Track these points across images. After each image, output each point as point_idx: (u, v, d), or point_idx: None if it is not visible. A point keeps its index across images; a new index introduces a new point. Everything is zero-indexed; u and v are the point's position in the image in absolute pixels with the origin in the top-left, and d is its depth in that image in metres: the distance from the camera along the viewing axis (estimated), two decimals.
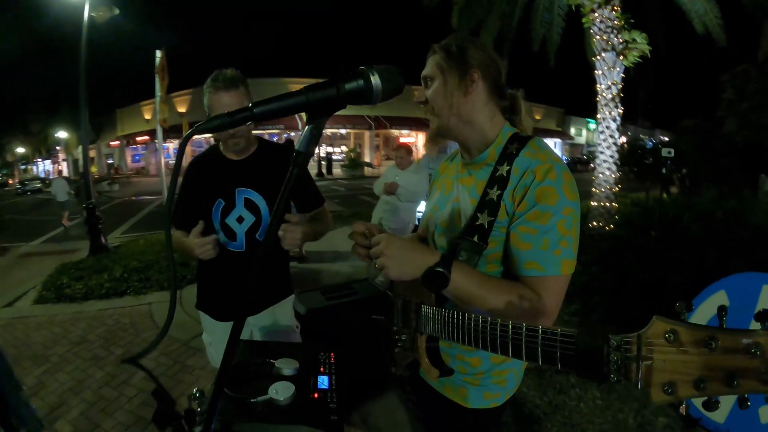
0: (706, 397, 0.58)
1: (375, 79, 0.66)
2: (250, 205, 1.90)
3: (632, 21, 6.94)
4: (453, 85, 1.18)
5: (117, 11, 7.33)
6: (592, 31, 7.18)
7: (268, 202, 1.91)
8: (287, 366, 1.27)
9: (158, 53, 7.08)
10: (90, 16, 7.21)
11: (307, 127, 0.68)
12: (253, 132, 1.94)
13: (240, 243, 1.92)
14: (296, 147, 0.68)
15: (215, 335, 2.04)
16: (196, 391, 1.15)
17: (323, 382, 1.26)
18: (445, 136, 1.27)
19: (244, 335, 2.00)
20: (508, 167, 1.12)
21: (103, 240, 7.70)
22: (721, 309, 0.62)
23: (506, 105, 1.27)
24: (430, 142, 1.30)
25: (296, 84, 31.20)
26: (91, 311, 4.97)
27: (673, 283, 3.00)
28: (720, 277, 2.34)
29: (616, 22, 6.87)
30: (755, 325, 0.57)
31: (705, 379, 0.57)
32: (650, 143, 14.49)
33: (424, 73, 1.24)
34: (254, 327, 2.06)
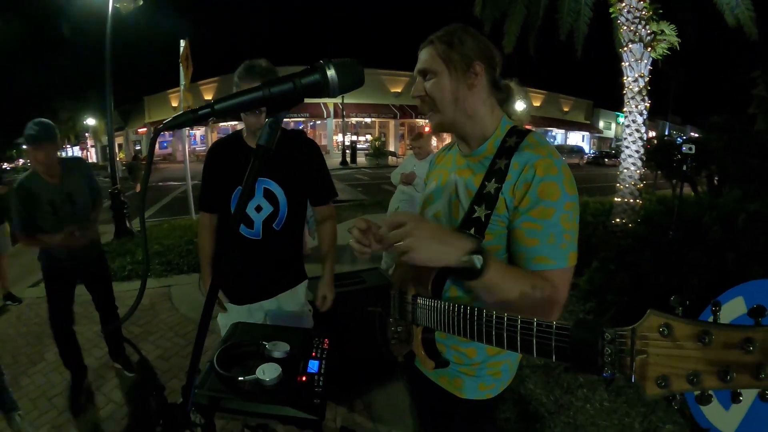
0: (700, 391, 0.59)
1: (331, 73, 0.67)
2: (268, 195, 1.95)
3: (661, 11, 6.72)
4: (457, 78, 1.15)
5: (141, 2, 7.43)
6: (619, 21, 6.98)
7: (287, 192, 1.96)
8: (277, 349, 1.31)
9: (182, 43, 7.17)
10: (114, 7, 7.35)
11: (266, 121, 0.69)
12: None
13: (257, 231, 1.97)
14: (258, 140, 0.69)
15: (230, 318, 2.09)
16: None
17: (313, 366, 1.29)
18: (446, 131, 1.25)
19: (257, 319, 2.09)
20: (506, 161, 1.11)
21: (127, 224, 7.90)
22: (715, 304, 0.62)
23: (504, 97, 1.26)
24: (431, 137, 1.29)
25: None
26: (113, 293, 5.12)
27: (690, 287, 2.92)
28: (738, 282, 2.26)
29: (644, 12, 6.67)
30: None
31: (699, 373, 0.58)
32: (680, 139, 14.10)
33: (422, 66, 1.19)
34: (267, 311, 2.12)
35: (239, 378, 1.19)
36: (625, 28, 6.87)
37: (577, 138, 45.98)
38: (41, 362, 3.50)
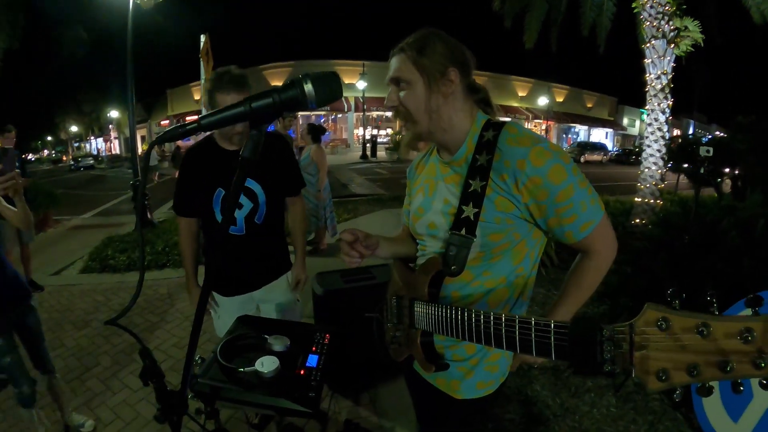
0: (701, 383, 0.59)
1: (308, 87, 0.70)
2: (248, 192, 2.04)
3: (684, 7, 6.56)
4: (431, 87, 1.13)
5: None
6: (642, 16, 6.84)
7: (265, 188, 2.05)
8: (278, 342, 1.35)
9: (202, 37, 7.25)
10: (135, 3, 7.49)
11: (251, 133, 0.72)
12: (301, 114, 2.05)
13: (240, 227, 2.06)
14: (241, 153, 0.72)
15: (222, 309, 2.21)
16: (198, 357, 1.25)
17: (312, 361, 1.32)
18: (424, 140, 1.24)
19: (249, 310, 2.20)
20: (488, 156, 1.11)
21: (149, 215, 8.07)
22: (711, 296, 0.62)
23: (481, 97, 1.23)
24: (408, 147, 1.27)
25: (343, 66, 31.33)
26: (132, 281, 5.27)
27: (704, 294, 2.82)
28: (752, 291, 2.20)
29: (667, 7, 6.52)
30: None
31: (698, 365, 0.58)
32: (705, 139, 13.77)
33: (394, 74, 1.16)
34: (258, 301, 2.25)
35: (239, 369, 1.23)
36: (648, 23, 6.73)
37: (600, 135, 45.25)
38: (60, 347, 3.61)
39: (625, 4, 7.74)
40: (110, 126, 45.84)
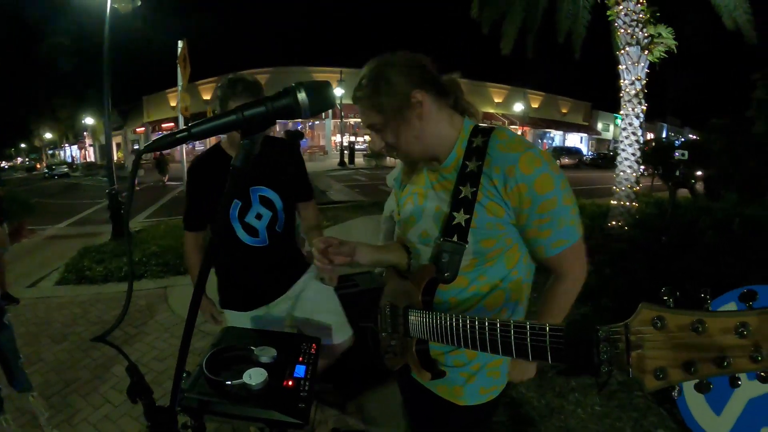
0: (698, 380, 0.59)
1: (302, 96, 0.69)
2: (265, 201, 1.99)
3: (658, 15, 6.75)
4: (402, 119, 1.12)
5: (139, 2, 7.44)
6: (616, 24, 7.02)
7: (281, 195, 2.00)
8: (264, 354, 1.32)
9: (180, 43, 7.18)
10: (112, 7, 7.36)
11: (242, 142, 0.71)
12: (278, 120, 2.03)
13: (263, 238, 2.01)
14: (233, 162, 0.71)
15: (241, 324, 2.10)
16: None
17: (300, 371, 1.31)
18: (419, 160, 1.26)
19: (279, 317, 2.17)
20: (478, 162, 1.11)
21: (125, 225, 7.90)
22: (705, 293, 0.62)
23: (453, 98, 1.22)
24: (410, 170, 1.32)
25: (320, 73, 31.30)
26: (109, 293, 5.15)
27: (684, 291, 2.90)
28: (731, 287, 2.25)
29: (641, 15, 6.70)
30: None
31: (695, 361, 0.58)
32: (678, 142, 14.14)
33: (365, 123, 1.17)
34: (289, 305, 2.17)
35: (227, 382, 1.20)
36: (622, 31, 6.90)
37: (575, 139, 46.10)
38: (39, 362, 3.52)
39: (599, 12, 7.93)
40: (85, 133, 44.85)
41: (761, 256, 3.03)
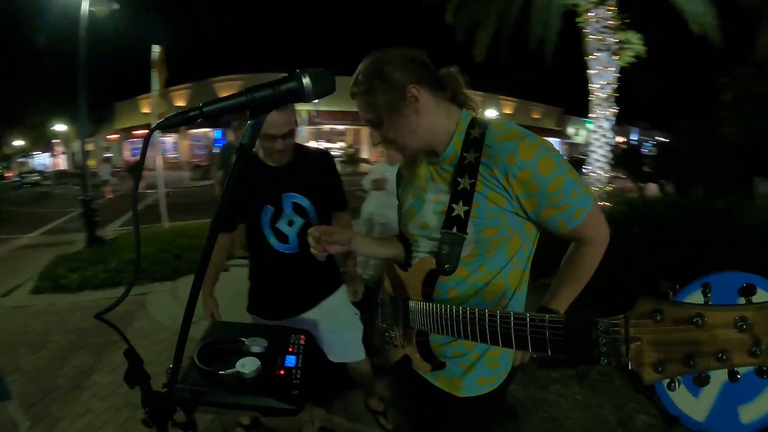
0: (697, 373, 0.59)
1: (306, 81, 0.73)
2: (297, 209, 2.01)
3: (628, 21, 6.98)
4: (399, 113, 1.14)
5: (116, 6, 7.33)
6: (587, 30, 7.22)
7: (314, 203, 2.03)
8: (255, 344, 1.33)
9: (156, 48, 7.09)
10: (88, 11, 7.24)
11: (249, 122, 0.75)
12: None
13: (293, 245, 2.03)
14: (240, 140, 0.75)
15: None
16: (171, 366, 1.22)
17: (290, 361, 1.32)
18: (419, 153, 1.27)
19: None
20: (476, 153, 1.12)
21: (99, 232, 7.75)
22: (705, 286, 0.63)
23: (451, 91, 1.23)
24: (408, 164, 1.33)
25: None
26: (86, 301, 5.07)
27: (657, 284, 2.99)
28: (702, 275, 2.32)
29: (611, 22, 6.92)
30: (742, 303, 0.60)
31: (694, 355, 0.58)
32: (649, 143, 14.53)
33: (364, 118, 1.19)
34: (312, 322, 2.14)
35: (220, 372, 1.21)
36: (592, 37, 7.11)
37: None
38: (17, 372, 3.44)
39: (570, 19, 8.15)
40: (56, 140, 43.50)
41: (730, 246, 3.15)
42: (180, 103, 30.97)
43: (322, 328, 2.17)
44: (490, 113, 36.69)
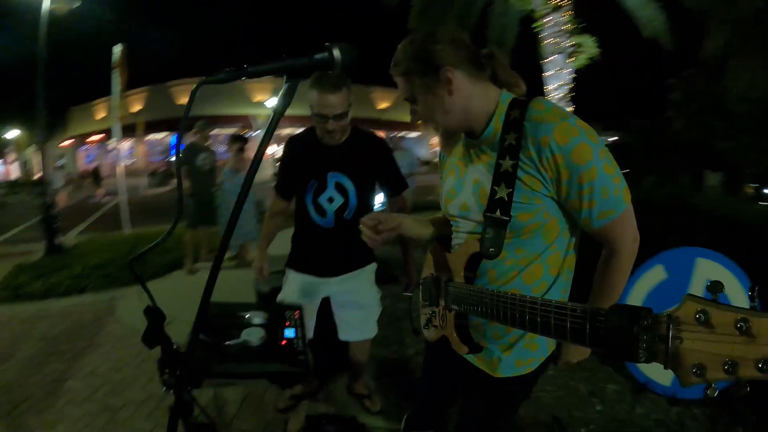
0: (735, 381, 0.56)
1: (336, 53, 0.83)
2: (339, 188, 2.15)
3: (582, 25, 7.32)
4: (434, 94, 1.14)
5: (78, 3, 7.10)
6: (543, 35, 7.53)
7: (356, 185, 2.17)
8: (257, 316, 1.40)
9: (117, 48, 6.93)
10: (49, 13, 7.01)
11: (285, 84, 0.83)
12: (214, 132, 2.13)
13: (329, 220, 2.18)
14: (275, 107, 0.83)
15: (293, 286, 2.31)
16: (175, 345, 1.26)
17: (290, 333, 1.38)
18: (457, 133, 1.28)
19: (319, 296, 2.35)
20: (516, 135, 1.09)
21: (58, 240, 7.49)
22: (753, 290, 0.60)
23: (490, 71, 1.21)
24: (446, 144, 1.36)
25: (253, 83, 30.66)
26: (53, 308, 4.92)
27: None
28: (657, 252, 2.48)
29: (566, 26, 7.25)
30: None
31: (736, 362, 0.55)
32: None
33: (403, 96, 1.22)
34: (332, 292, 2.33)
35: (226, 342, 1.26)
36: (548, 41, 7.42)
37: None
38: None
39: (527, 24, 8.46)
40: (7, 148, 41.02)
41: (680, 226, 3.40)
42: (138, 107, 29.96)
43: (340, 301, 2.33)
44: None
